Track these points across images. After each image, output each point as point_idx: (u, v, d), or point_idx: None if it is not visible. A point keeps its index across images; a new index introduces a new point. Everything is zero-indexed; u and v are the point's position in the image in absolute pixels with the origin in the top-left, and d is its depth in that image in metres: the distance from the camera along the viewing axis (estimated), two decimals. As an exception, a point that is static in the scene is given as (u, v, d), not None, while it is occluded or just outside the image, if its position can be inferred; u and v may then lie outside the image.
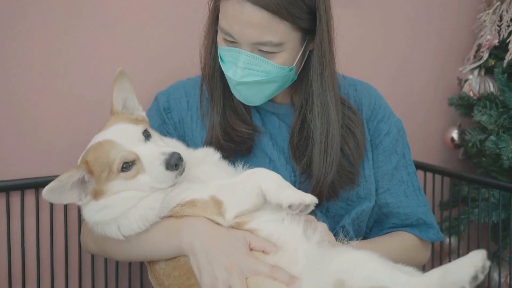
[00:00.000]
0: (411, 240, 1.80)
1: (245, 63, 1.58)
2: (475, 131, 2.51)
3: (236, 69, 1.60)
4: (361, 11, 2.51)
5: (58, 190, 1.43)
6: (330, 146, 1.66)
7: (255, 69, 1.59)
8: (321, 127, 1.66)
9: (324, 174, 1.65)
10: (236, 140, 1.71)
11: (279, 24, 1.53)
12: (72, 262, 1.99)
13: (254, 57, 1.57)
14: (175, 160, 1.42)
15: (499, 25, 2.50)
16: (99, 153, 1.45)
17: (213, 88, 1.74)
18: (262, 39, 1.54)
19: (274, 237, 1.45)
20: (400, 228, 1.81)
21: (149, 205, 1.47)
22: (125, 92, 1.60)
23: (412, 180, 1.83)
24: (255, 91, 1.64)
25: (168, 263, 1.51)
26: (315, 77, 1.65)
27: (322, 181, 1.65)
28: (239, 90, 1.64)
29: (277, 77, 1.61)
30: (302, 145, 1.70)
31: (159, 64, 2.11)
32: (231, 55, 1.60)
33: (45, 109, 1.93)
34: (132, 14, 2.04)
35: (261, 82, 1.61)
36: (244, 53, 1.57)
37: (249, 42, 1.55)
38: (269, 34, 1.53)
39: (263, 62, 1.58)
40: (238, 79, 1.60)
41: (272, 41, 1.54)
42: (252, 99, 1.67)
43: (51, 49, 1.92)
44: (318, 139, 1.66)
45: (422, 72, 2.75)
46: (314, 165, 1.66)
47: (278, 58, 1.59)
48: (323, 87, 1.66)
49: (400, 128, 1.85)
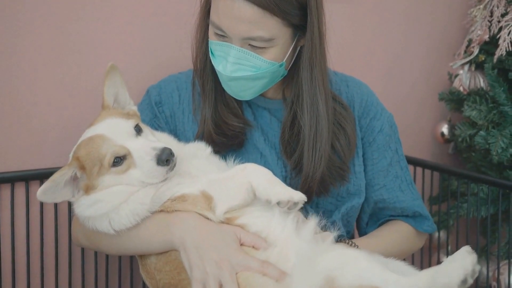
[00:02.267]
0: (408, 230, 1.83)
1: (235, 58, 1.58)
2: (465, 126, 2.52)
3: (227, 63, 1.60)
4: (353, 6, 2.51)
5: (52, 190, 1.43)
6: (319, 142, 1.67)
7: (245, 64, 1.59)
8: (309, 123, 1.67)
9: (313, 170, 1.66)
10: (227, 134, 1.71)
11: (269, 19, 1.53)
12: (62, 256, 1.99)
13: (244, 52, 1.57)
14: (166, 156, 1.42)
15: (490, 20, 2.50)
16: (90, 148, 1.45)
17: (204, 82, 1.74)
18: (253, 34, 1.54)
19: (265, 233, 1.46)
20: (396, 217, 1.83)
21: (139, 200, 1.48)
22: (116, 87, 1.60)
23: (405, 174, 1.85)
24: (245, 86, 1.64)
25: (159, 257, 1.52)
26: (305, 73, 1.66)
27: (311, 176, 1.66)
28: (229, 84, 1.65)
29: (267, 72, 1.61)
30: (293, 140, 1.71)
31: (151, 57, 2.10)
32: (222, 50, 1.60)
33: (35, 101, 1.92)
34: (124, 6, 2.03)
35: (251, 78, 1.61)
36: (234, 48, 1.57)
37: (239, 37, 1.55)
38: (259, 29, 1.54)
39: (253, 57, 1.58)
40: (228, 74, 1.60)
41: (263, 36, 1.55)
42: (242, 93, 1.67)
43: (41, 41, 1.91)
44: (307, 135, 1.67)
45: (413, 67, 2.75)
46: (304, 161, 1.67)
47: (268, 54, 1.59)
48: (312, 83, 1.66)
49: (392, 123, 1.86)
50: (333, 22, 1.70)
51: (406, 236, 1.82)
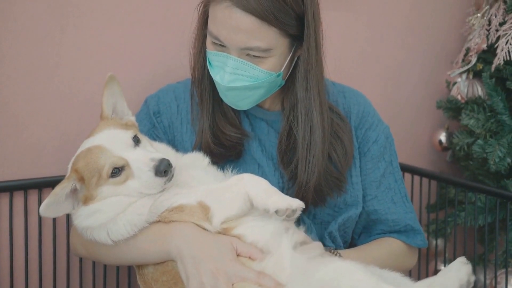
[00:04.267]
0: (398, 247, 1.82)
1: (232, 68, 1.59)
2: (462, 135, 2.52)
3: (224, 73, 1.60)
4: (351, 14, 2.52)
5: (54, 205, 1.44)
6: (312, 151, 1.67)
7: (242, 74, 1.60)
8: (303, 133, 1.67)
9: (306, 179, 1.67)
10: (225, 145, 1.71)
11: (267, 30, 1.54)
12: (60, 265, 1.99)
13: (241, 62, 1.58)
14: (164, 167, 1.43)
15: (488, 29, 2.51)
16: (88, 159, 1.46)
17: (202, 92, 1.74)
18: (250, 44, 1.55)
19: (261, 243, 1.47)
20: (388, 234, 1.82)
21: (137, 210, 1.48)
22: (115, 97, 1.60)
23: (399, 187, 1.84)
24: (242, 96, 1.65)
25: (156, 267, 1.52)
26: (300, 83, 1.67)
27: (305, 186, 1.67)
28: (227, 94, 1.65)
29: (265, 82, 1.62)
30: (290, 150, 1.72)
31: (149, 66, 2.10)
32: (219, 60, 1.61)
33: (33, 111, 1.92)
34: (122, 16, 2.04)
35: (248, 88, 1.62)
36: (231, 58, 1.58)
37: (237, 47, 1.56)
38: (257, 39, 1.54)
39: (251, 68, 1.59)
40: (225, 84, 1.61)
41: (260, 46, 1.55)
42: (239, 103, 1.68)
43: (39, 50, 1.91)
44: (300, 144, 1.67)
45: (411, 75, 2.76)
46: (298, 171, 1.68)
47: (265, 64, 1.59)
48: (307, 94, 1.67)
49: (388, 135, 1.86)
50: (331, 30, 1.71)
51: (396, 251, 1.81)
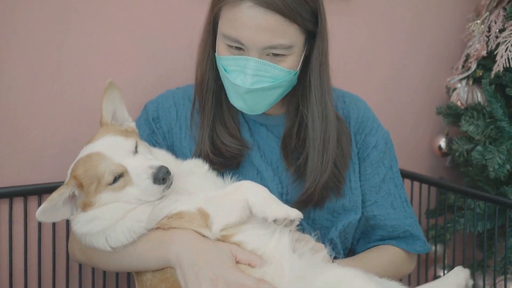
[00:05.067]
0: (397, 254, 1.82)
1: (254, 69, 1.58)
2: (462, 141, 2.52)
3: (245, 76, 1.60)
4: (351, 19, 2.52)
5: (51, 210, 1.44)
6: (326, 146, 1.69)
7: (263, 75, 1.60)
8: (320, 128, 1.68)
9: (319, 174, 1.67)
10: (226, 155, 1.71)
11: (289, 27, 1.56)
12: (60, 271, 1.99)
13: (262, 63, 1.58)
14: (163, 174, 1.43)
15: (488, 35, 2.51)
16: (87, 166, 1.46)
17: (205, 100, 1.74)
18: (274, 42, 1.55)
19: (261, 251, 1.47)
20: (387, 240, 1.82)
21: (136, 217, 1.48)
22: (115, 103, 1.61)
23: (399, 192, 1.85)
24: (261, 98, 1.65)
25: (155, 274, 1.52)
26: (315, 78, 1.68)
27: (318, 180, 1.67)
28: (246, 98, 1.64)
29: (284, 81, 1.63)
30: (300, 145, 1.72)
31: (150, 72, 2.11)
32: (237, 64, 1.60)
33: (33, 116, 1.92)
34: (122, 22, 2.04)
35: (269, 88, 1.62)
36: (252, 60, 1.58)
37: (260, 47, 1.56)
38: (280, 37, 1.55)
39: (271, 68, 1.59)
40: (248, 86, 1.60)
41: (283, 43, 1.56)
42: (256, 107, 1.67)
43: (40, 55, 1.92)
44: (317, 140, 1.68)
45: (411, 80, 2.76)
46: (310, 165, 1.68)
47: (286, 62, 1.61)
48: (322, 89, 1.69)
49: (387, 140, 1.86)
50: (331, 35, 1.71)
51: (395, 259, 1.81)
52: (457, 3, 2.82)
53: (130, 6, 2.05)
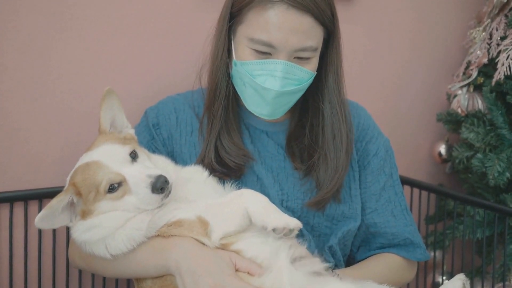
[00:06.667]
0: (397, 262, 1.82)
1: (283, 72, 1.59)
2: (462, 148, 2.53)
3: (275, 79, 1.60)
4: (352, 26, 2.52)
5: (50, 217, 1.44)
6: (344, 140, 1.73)
7: (291, 78, 1.61)
8: (338, 125, 1.72)
9: (335, 170, 1.71)
10: (229, 165, 1.71)
11: (317, 28, 1.58)
12: (60, 276, 2.00)
13: (291, 66, 1.59)
14: (161, 184, 1.43)
15: (489, 43, 2.51)
16: (86, 175, 1.46)
17: (217, 108, 1.73)
18: (305, 44, 1.57)
19: (260, 259, 1.47)
20: (387, 248, 1.82)
21: (135, 226, 1.48)
22: (113, 111, 1.60)
23: (400, 199, 1.85)
24: (285, 101, 1.66)
25: (154, 281, 1.53)
26: (332, 77, 1.71)
27: (340, 171, 1.70)
28: (272, 102, 1.64)
29: (306, 84, 1.65)
30: (315, 144, 1.73)
31: (150, 79, 2.11)
32: (265, 68, 1.60)
33: (34, 122, 1.93)
34: (123, 29, 2.04)
35: (294, 91, 1.64)
36: (281, 63, 1.58)
37: (291, 50, 1.57)
38: (309, 39, 1.57)
39: (298, 70, 1.61)
40: (278, 89, 1.60)
41: (312, 45, 1.59)
42: (278, 111, 1.68)
43: (40, 62, 1.92)
44: (335, 137, 1.72)
45: (412, 87, 2.76)
46: (329, 161, 1.71)
47: (310, 64, 1.63)
48: (339, 86, 1.73)
49: (388, 148, 1.87)
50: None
51: (395, 267, 1.81)
52: (458, 10, 2.82)
53: (130, 13, 2.05)
